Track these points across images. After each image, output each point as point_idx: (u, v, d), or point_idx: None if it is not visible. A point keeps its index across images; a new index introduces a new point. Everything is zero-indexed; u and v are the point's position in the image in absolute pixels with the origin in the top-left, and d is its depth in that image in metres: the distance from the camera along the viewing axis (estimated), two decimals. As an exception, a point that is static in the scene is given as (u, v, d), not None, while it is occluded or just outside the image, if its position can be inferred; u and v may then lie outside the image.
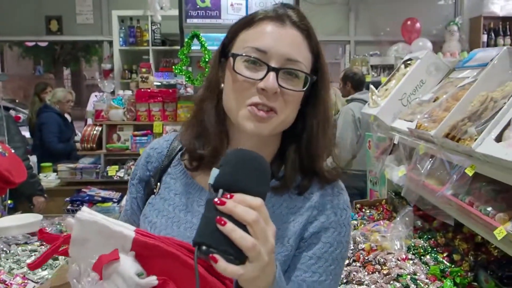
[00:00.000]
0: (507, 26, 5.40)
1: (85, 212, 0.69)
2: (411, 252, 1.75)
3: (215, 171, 0.61)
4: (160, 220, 0.83)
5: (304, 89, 0.77)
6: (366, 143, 2.87)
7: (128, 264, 0.67)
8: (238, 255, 0.57)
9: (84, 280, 0.67)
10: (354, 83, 3.55)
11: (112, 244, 0.68)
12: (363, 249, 1.77)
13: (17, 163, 2.07)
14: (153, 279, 0.66)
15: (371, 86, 2.40)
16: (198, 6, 3.19)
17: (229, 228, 0.57)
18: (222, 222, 0.57)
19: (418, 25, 5.21)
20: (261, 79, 0.73)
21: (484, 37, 5.37)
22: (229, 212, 0.57)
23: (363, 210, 2.38)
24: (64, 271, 0.85)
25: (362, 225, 2.12)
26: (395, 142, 2.06)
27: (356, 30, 5.56)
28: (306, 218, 0.79)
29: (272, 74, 0.73)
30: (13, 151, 2.11)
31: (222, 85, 0.81)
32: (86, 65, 15.09)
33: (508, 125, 1.32)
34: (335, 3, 5.36)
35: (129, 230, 0.68)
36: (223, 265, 0.57)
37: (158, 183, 0.86)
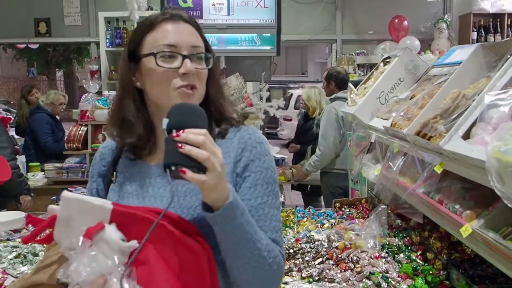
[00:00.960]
0: (498, 23, 5.36)
1: (69, 192, 0.81)
2: (384, 251, 1.74)
3: (165, 120, 0.79)
4: (125, 200, 0.96)
5: (210, 66, 0.97)
6: (348, 141, 2.86)
7: (112, 232, 0.79)
8: (199, 167, 0.75)
9: (78, 249, 0.76)
10: (338, 82, 3.54)
11: (93, 218, 0.79)
12: (336, 247, 1.77)
13: (1, 163, 2.11)
14: (134, 243, 0.78)
15: (350, 85, 2.40)
16: (180, 6, 3.18)
17: (188, 148, 0.75)
18: (182, 146, 0.75)
19: (406, 23, 5.20)
20: (180, 67, 0.92)
21: (474, 35, 5.34)
22: (184, 140, 0.76)
23: (343, 209, 2.37)
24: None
25: (339, 224, 2.11)
26: (372, 140, 2.06)
27: (343, 28, 5.54)
28: (233, 157, 0.97)
29: (187, 60, 0.92)
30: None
31: (138, 83, 0.98)
32: (78, 66, 15.05)
33: (475, 122, 1.32)
34: (321, 2, 5.34)
35: (107, 204, 0.81)
36: (189, 174, 0.75)
37: (114, 173, 1.02)
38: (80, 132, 3.76)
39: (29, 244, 1.90)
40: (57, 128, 4.41)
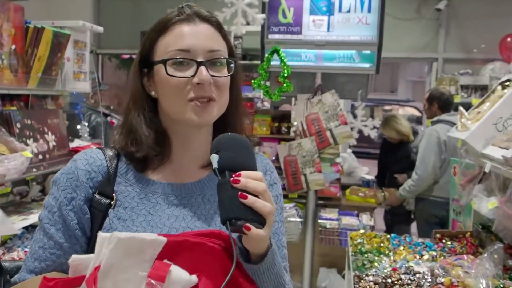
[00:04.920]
0: None
1: (120, 233, 0.67)
2: (499, 294, 1.57)
3: (215, 157, 0.71)
4: (140, 227, 0.81)
5: (231, 73, 0.84)
6: (451, 168, 2.66)
7: (176, 269, 0.68)
8: (260, 221, 0.68)
9: None
10: (441, 104, 3.33)
11: (138, 259, 0.66)
12: (442, 283, 1.63)
13: None
14: (194, 277, 0.69)
15: (461, 108, 2.23)
16: (280, 22, 3.24)
17: (252, 200, 0.68)
18: (245, 197, 0.67)
19: (519, 42, 4.75)
20: (194, 75, 0.80)
21: None
22: (243, 188, 0.68)
23: (444, 241, 2.20)
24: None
25: (442, 257, 1.96)
26: (486, 170, 1.88)
27: (446, 46, 5.23)
28: None
29: (202, 68, 0.80)
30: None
31: (153, 93, 0.86)
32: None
33: None
34: (423, 18, 5.09)
35: (159, 236, 0.69)
36: (254, 231, 0.67)
37: (113, 195, 0.83)
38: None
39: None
40: None
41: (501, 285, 1.62)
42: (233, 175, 0.68)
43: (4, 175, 1.53)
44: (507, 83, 2.16)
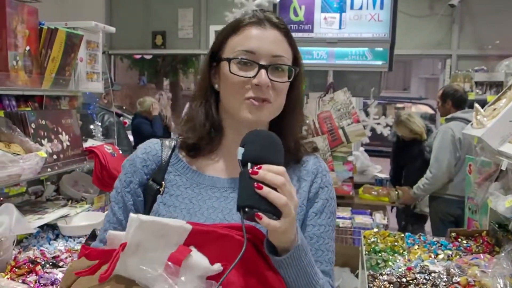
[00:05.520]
0: None
1: (143, 215, 0.72)
2: (517, 294, 1.54)
3: (240, 150, 0.74)
4: (180, 214, 0.87)
5: (290, 80, 0.89)
6: (466, 166, 2.62)
7: (198, 256, 0.72)
8: (275, 212, 0.70)
9: (157, 277, 0.68)
10: (455, 101, 3.27)
11: (166, 241, 0.71)
12: (458, 283, 1.61)
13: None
14: (218, 266, 0.71)
15: (476, 105, 2.19)
16: (291, 20, 3.23)
17: (266, 190, 0.70)
18: (260, 187, 0.70)
19: (534, 38, 4.65)
20: (254, 76, 0.85)
21: None
22: (261, 179, 0.70)
23: (459, 240, 2.16)
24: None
25: (458, 256, 1.93)
26: (503, 168, 1.85)
27: (460, 43, 5.15)
28: (309, 182, 0.94)
29: (263, 71, 0.85)
30: (121, 152, 2.32)
31: (216, 86, 0.93)
32: (183, 76, 16.14)
33: None
34: (436, 15, 5.02)
35: (185, 224, 0.74)
36: (266, 221, 0.70)
37: (163, 183, 0.91)
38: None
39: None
40: (154, 126, 4.94)
41: (519, 285, 1.59)
42: (254, 167, 0.72)
43: (19, 175, 1.54)
44: (524, 79, 2.12)
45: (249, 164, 0.72)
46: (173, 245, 0.72)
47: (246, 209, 0.70)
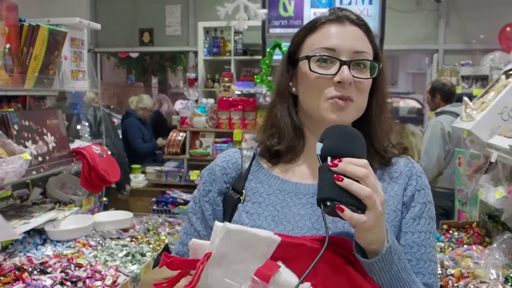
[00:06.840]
0: None
1: (230, 224, 0.67)
2: (509, 283, 1.55)
3: (319, 145, 0.72)
4: (265, 221, 0.83)
5: (373, 76, 0.84)
6: (456, 159, 2.64)
7: (286, 272, 0.66)
8: (359, 205, 0.66)
9: None
10: (444, 95, 3.30)
11: (253, 253, 0.66)
12: (452, 275, 1.61)
13: (112, 164, 2.24)
14: (308, 285, 0.66)
15: (465, 98, 2.21)
16: (281, 16, 3.21)
17: (347, 182, 0.66)
18: (340, 179, 0.66)
19: (519, 31, 4.70)
20: (335, 74, 0.81)
21: None
22: (342, 172, 0.67)
23: (451, 232, 2.17)
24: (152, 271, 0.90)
25: (450, 248, 1.94)
26: (492, 160, 1.86)
27: (446, 38, 5.18)
28: (403, 184, 0.87)
29: (345, 67, 0.81)
30: (109, 152, 2.28)
31: (294, 89, 0.89)
32: (171, 74, 16.01)
33: None
34: (423, 10, 5.05)
35: (273, 235, 0.68)
36: (348, 213, 0.65)
37: (243, 191, 0.88)
38: (179, 138, 3.95)
39: (137, 244, 1.99)
40: (146, 129, 4.76)
41: (511, 275, 1.60)
42: (334, 160, 0.68)
43: (2, 179, 1.49)
44: (511, 72, 2.13)
45: (328, 158, 0.69)
46: (260, 258, 0.67)
47: (328, 203, 0.66)
